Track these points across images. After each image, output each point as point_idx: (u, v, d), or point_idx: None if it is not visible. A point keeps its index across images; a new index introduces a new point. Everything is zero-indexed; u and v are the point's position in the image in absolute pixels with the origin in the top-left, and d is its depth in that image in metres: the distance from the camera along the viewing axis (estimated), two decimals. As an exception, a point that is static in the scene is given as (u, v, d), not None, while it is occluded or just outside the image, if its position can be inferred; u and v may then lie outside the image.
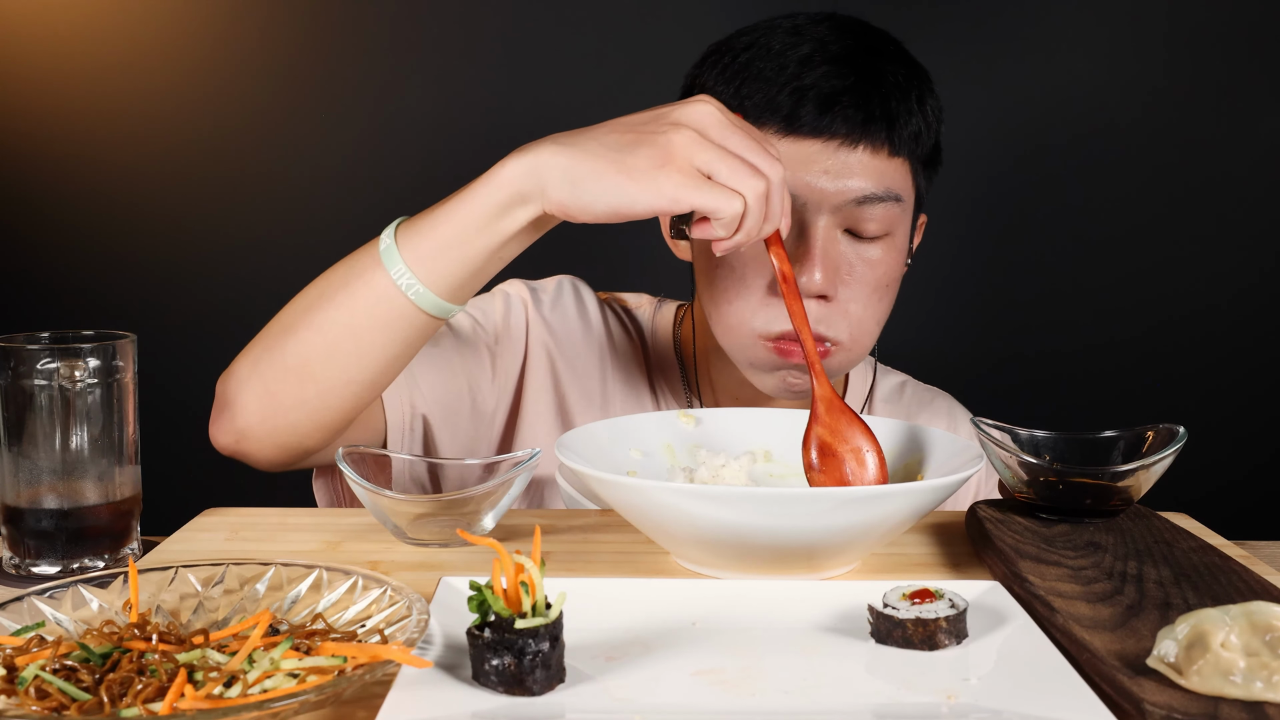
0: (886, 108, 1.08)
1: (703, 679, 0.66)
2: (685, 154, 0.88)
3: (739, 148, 0.89)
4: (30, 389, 0.88)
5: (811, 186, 1.08)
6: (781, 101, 1.08)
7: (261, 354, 1.02)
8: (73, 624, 0.71)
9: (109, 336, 0.92)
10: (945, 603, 0.72)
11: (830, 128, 1.07)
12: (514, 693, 0.63)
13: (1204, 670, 0.61)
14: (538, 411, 1.25)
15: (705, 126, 0.89)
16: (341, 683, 0.60)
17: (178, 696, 0.59)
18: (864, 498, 0.80)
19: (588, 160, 0.89)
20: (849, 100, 1.07)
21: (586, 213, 0.90)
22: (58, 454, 0.89)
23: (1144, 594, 0.76)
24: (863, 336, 1.14)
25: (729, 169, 0.88)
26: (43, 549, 0.90)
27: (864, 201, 1.08)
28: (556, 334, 1.27)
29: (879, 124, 1.08)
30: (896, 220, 1.12)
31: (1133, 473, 0.91)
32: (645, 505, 0.83)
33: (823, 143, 1.08)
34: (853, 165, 1.08)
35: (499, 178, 0.92)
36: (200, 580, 0.76)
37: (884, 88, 1.09)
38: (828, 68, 1.08)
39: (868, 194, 1.08)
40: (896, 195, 1.10)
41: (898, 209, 1.11)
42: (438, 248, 0.94)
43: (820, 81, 1.08)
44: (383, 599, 0.72)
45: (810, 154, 1.08)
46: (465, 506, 0.93)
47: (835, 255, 1.10)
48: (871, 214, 1.09)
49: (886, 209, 1.10)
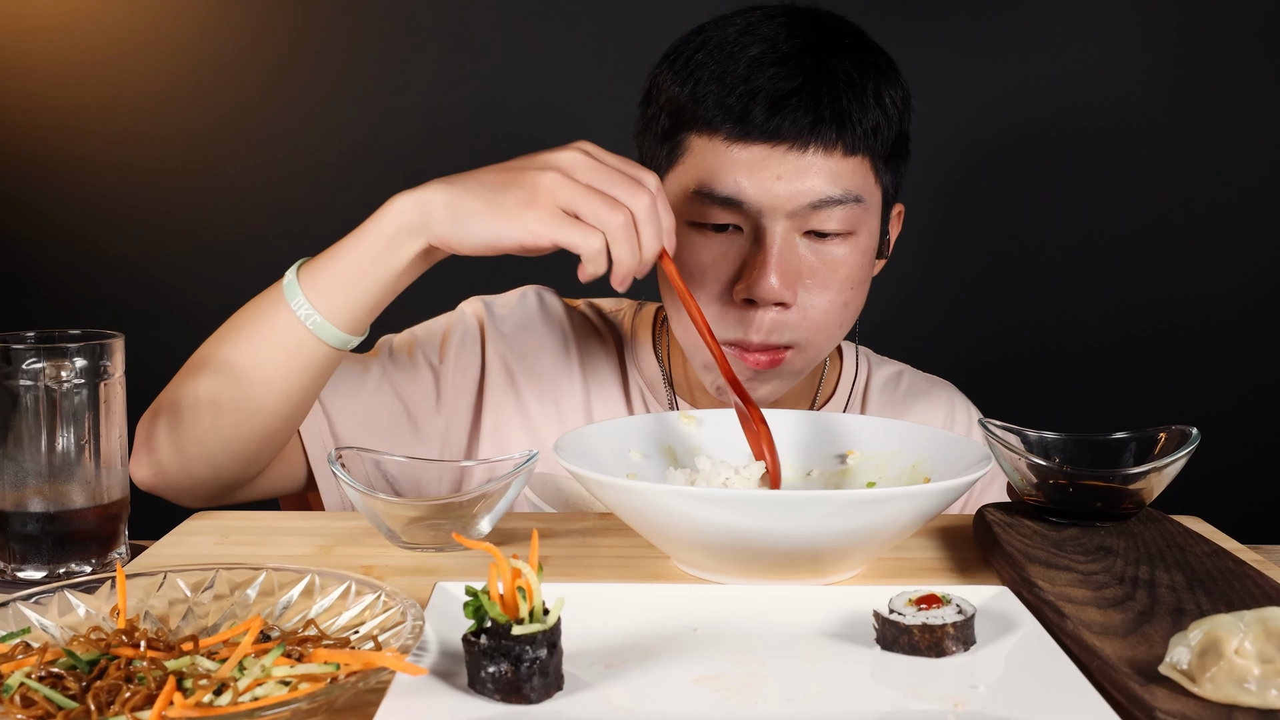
0: (837, 107, 1.07)
1: (704, 686, 0.66)
2: (550, 194, 0.95)
3: (603, 184, 0.95)
4: (16, 389, 0.88)
5: (765, 192, 1.07)
6: (732, 105, 1.08)
7: (175, 389, 1.08)
8: (59, 630, 0.71)
9: (96, 336, 0.92)
10: (952, 608, 0.72)
11: (779, 131, 1.06)
12: (511, 700, 0.63)
13: (1217, 678, 0.61)
14: (497, 422, 1.26)
15: (571, 168, 0.96)
16: (334, 690, 0.60)
17: (166, 704, 0.59)
18: (869, 500, 0.80)
19: (467, 198, 0.97)
20: (797, 102, 1.06)
21: (466, 245, 0.98)
22: (44, 456, 0.89)
23: (1156, 599, 0.76)
24: (824, 338, 1.14)
25: (590, 206, 0.94)
26: (28, 553, 0.89)
27: (820, 205, 1.08)
28: (515, 345, 1.28)
29: (828, 125, 1.07)
30: (858, 220, 1.11)
31: (1144, 475, 0.91)
32: (645, 508, 0.83)
33: (772, 147, 1.07)
34: (806, 168, 1.07)
35: (388, 214, 1.00)
36: (190, 585, 0.76)
37: (834, 87, 1.08)
38: (775, 69, 1.07)
39: (823, 197, 1.08)
40: (856, 196, 1.09)
41: (858, 209, 1.10)
42: (335, 282, 1.01)
43: (768, 84, 1.07)
44: (376, 604, 0.72)
45: (762, 158, 1.07)
46: (461, 510, 0.93)
47: (793, 261, 1.09)
48: (830, 216, 1.08)
49: (846, 210, 1.09)
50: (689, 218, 1.11)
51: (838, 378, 1.33)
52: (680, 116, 1.12)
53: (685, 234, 1.11)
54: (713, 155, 1.09)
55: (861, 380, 1.34)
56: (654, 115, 1.16)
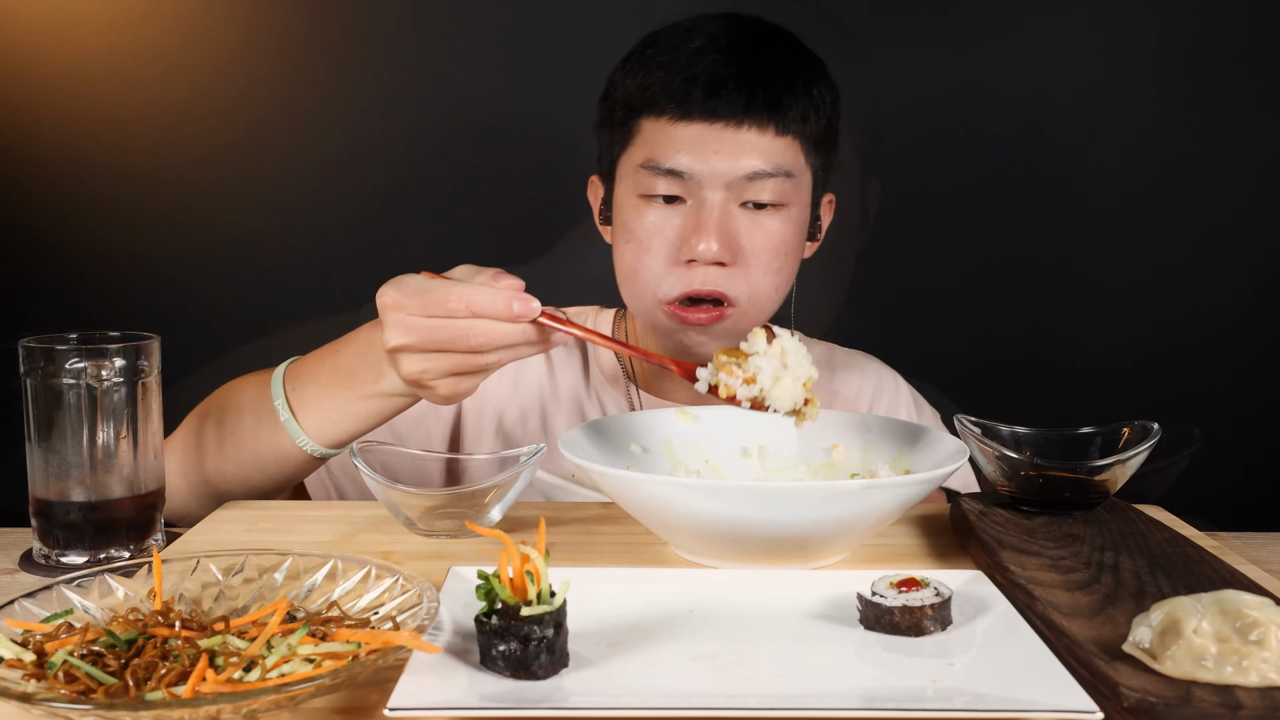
0: (770, 92, 1.14)
1: (700, 664, 0.66)
2: (406, 375, 0.93)
3: (426, 341, 0.91)
4: (59, 387, 0.88)
5: (705, 164, 1.14)
6: (675, 89, 1.14)
7: (184, 463, 1.10)
8: (99, 611, 0.71)
9: (134, 337, 0.92)
10: (930, 591, 0.72)
11: (717, 110, 1.13)
12: (519, 677, 0.63)
13: (1177, 655, 0.61)
14: (478, 434, 1.30)
15: (399, 353, 0.92)
16: (355, 667, 0.60)
17: (199, 680, 0.59)
18: (854, 491, 0.80)
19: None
20: (733, 85, 1.13)
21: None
22: (85, 449, 0.89)
23: (1120, 583, 0.76)
24: (760, 300, 1.19)
25: (425, 378, 0.92)
26: (71, 540, 0.90)
27: (755, 177, 1.14)
28: None
29: (761, 106, 1.14)
30: (790, 193, 1.17)
31: (1109, 467, 0.91)
32: (645, 498, 0.83)
33: (710, 124, 1.14)
34: (741, 144, 1.14)
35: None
36: (221, 569, 0.76)
37: (767, 74, 1.15)
38: (714, 57, 1.15)
39: (757, 170, 1.14)
40: (787, 171, 1.16)
41: (789, 184, 1.16)
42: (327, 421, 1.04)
43: (707, 70, 1.14)
44: (395, 588, 0.72)
45: (703, 135, 1.14)
46: (474, 499, 0.93)
47: (731, 227, 1.15)
48: (764, 188, 1.15)
49: (778, 183, 1.15)
50: (639, 190, 1.17)
51: None
52: (632, 105, 1.19)
53: (636, 206, 1.18)
54: (659, 134, 1.16)
55: None
56: (610, 108, 1.23)
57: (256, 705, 0.58)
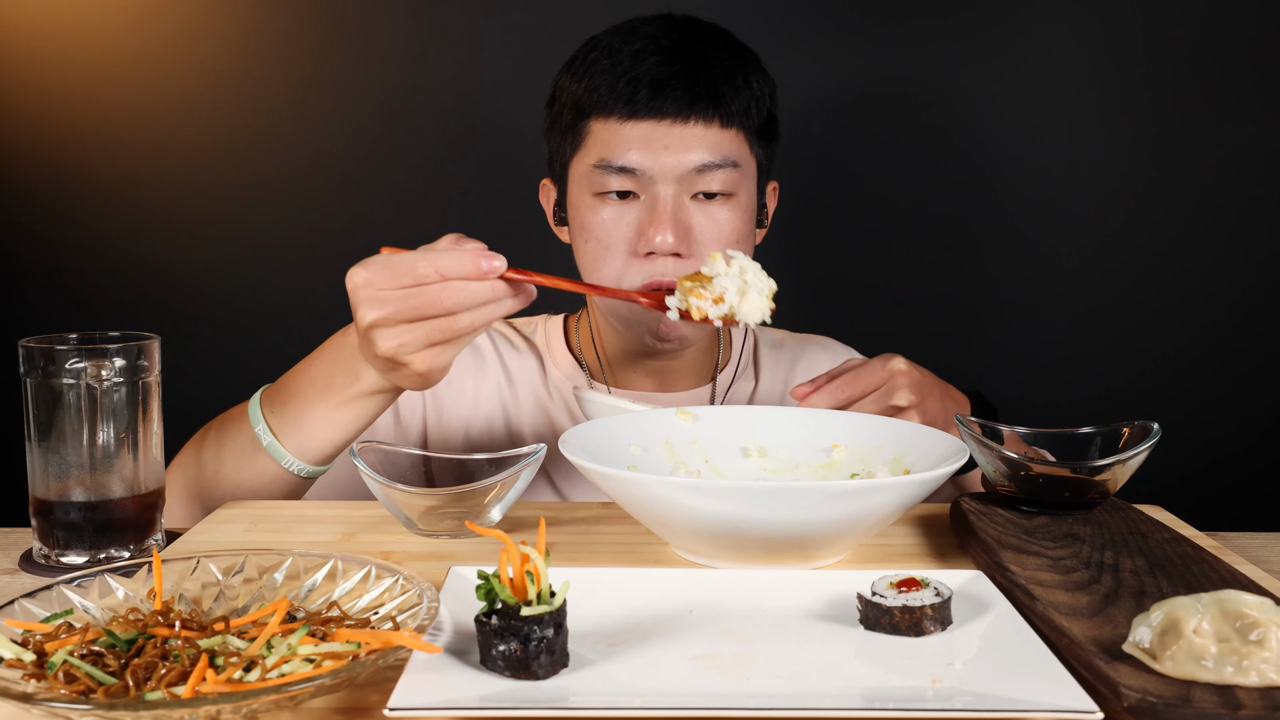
0: (712, 87, 1.19)
1: (700, 664, 0.66)
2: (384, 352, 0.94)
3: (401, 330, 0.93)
4: (59, 387, 0.88)
5: (655, 160, 1.19)
6: (621, 90, 1.19)
7: (186, 495, 1.13)
8: (99, 611, 0.71)
9: (134, 337, 0.92)
10: (930, 591, 0.72)
11: (663, 108, 1.18)
12: (520, 677, 0.63)
13: (1177, 655, 0.61)
14: (444, 449, 1.32)
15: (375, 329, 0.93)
16: (356, 667, 0.60)
17: (200, 680, 0.59)
18: (854, 491, 0.80)
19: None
20: (676, 84, 1.18)
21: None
22: (85, 449, 0.89)
23: (1120, 583, 0.76)
24: None
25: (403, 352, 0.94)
26: (71, 540, 0.90)
27: (704, 169, 1.19)
28: (438, 389, 1.34)
29: (705, 101, 1.19)
30: (737, 183, 1.22)
31: (1109, 467, 0.91)
32: (645, 498, 0.83)
33: (657, 122, 1.18)
34: (688, 139, 1.19)
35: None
36: (221, 569, 0.76)
37: (709, 70, 1.20)
38: (657, 58, 1.19)
39: (705, 162, 1.19)
40: (734, 161, 1.21)
41: (737, 173, 1.21)
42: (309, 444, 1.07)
43: (651, 70, 1.19)
44: (395, 587, 0.72)
45: (651, 133, 1.19)
46: (474, 499, 0.93)
47: (684, 219, 1.20)
48: (713, 179, 1.20)
49: (726, 174, 1.20)
50: (593, 189, 1.22)
51: (729, 346, 1.43)
52: (580, 108, 1.23)
53: (592, 205, 1.22)
54: (609, 134, 1.20)
55: (750, 346, 1.43)
56: (557, 113, 1.27)
57: (256, 705, 0.58)
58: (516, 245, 1.82)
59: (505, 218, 1.85)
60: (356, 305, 0.93)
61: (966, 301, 1.88)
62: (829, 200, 1.86)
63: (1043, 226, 1.87)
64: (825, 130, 1.84)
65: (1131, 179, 1.85)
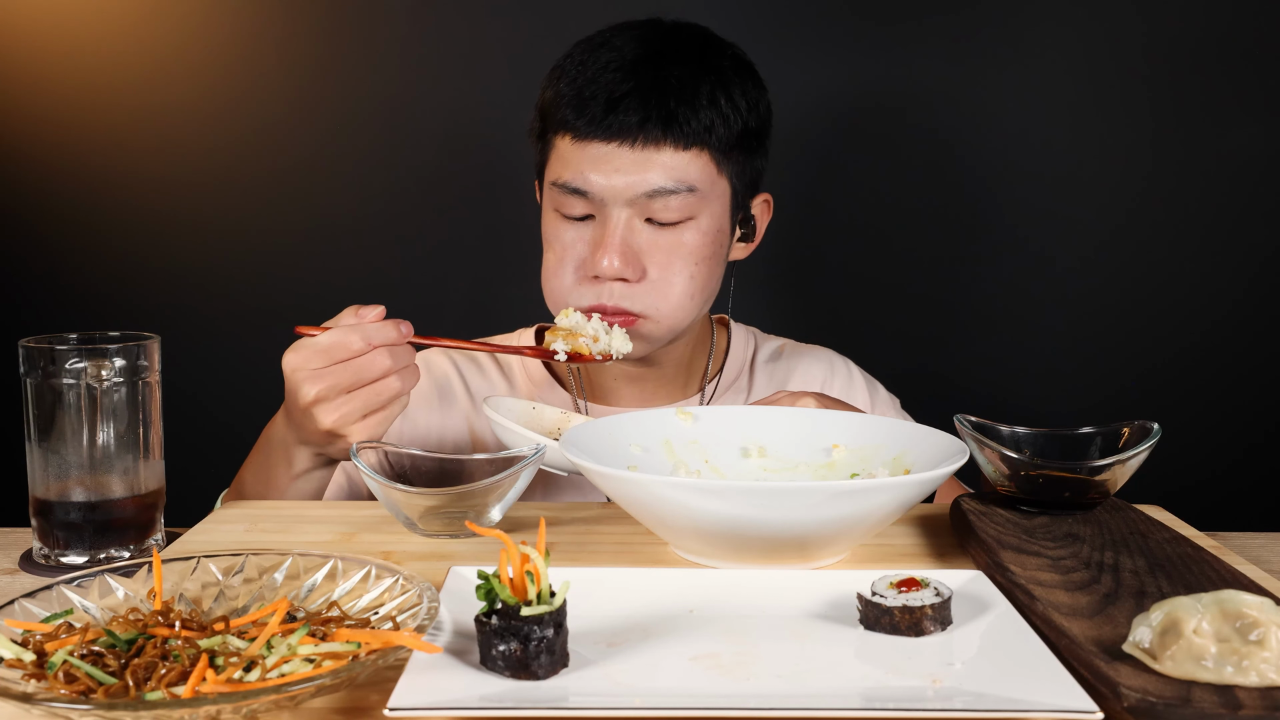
0: (665, 109, 1.14)
1: (699, 664, 0.66)
2: (326, 427, 1.02)
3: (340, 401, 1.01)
4: (59, 387, 0.88)
5: (607, 183, 1.15)
6: (577, 106, 1.16)
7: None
8: (99, 611, 0.71)
9: (134, 337, 0.92)
10: (930, 591, 0.72)
11: (613, 129, 1.14)
12: (520, 677, 0.63)
13: (1177, 655, 0.61)
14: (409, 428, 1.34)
15: (315, 406, 1.01)
16: (356, 667, 0.60)
17: (199, 680, 0.59)
18: (854, 491, 0.80)
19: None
20: (627, 104, 1.14)
21: None
22: (85, 449, 0.89)
23: (1120, 583, 0.76)
24: (673, 310, 1.20)
25: (342, 424, 1.01)
26: (71, 540, 0.90)
27: (655, 194, 1.15)
28: (413, 411, 1.34)
29: (655, 124, 1.14)
30: (695, 207, 1.18)
31: (1109, 467, 0.91)
32: (645, 498, 0.83)
33: (608, 143, 1.15)
34: (642, 162, 1.15)
35: None
36: (221, 569, 0.76)
37: (663, 91, 1.15)
38: (613, 75, 1.15)
39: (657, 188, 1.15)
40: (690, 186, 1.16)
41: (694, 198, 1.17)
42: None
43: (605, 89, 1.15)
44: (395, 587, 0.72)
45: (602, 154, 1.15)
46: (474, 499, 0.93)
47: (633, 243, 1.18)
48: (667, 205, 1.16)
49: (681, 199, 1.16)
50: (555, 207, 1.20)
51: (725, 354, 1.40)
52: (547, 118, 1.21)
53: (553, 222, 1.21)
54: (567, 152, 1.18)
55: (749, 355, 1.41)
56: (535, 119, 1.25)
57: (256, 705, 0.58)
58: (514, 246, 1.83)
59: (504, 218, 1.85)
60: (295, 386, 1.00)
61: (967, 302, 1.88)
62: (829, 202, 1.86)
63: (1043, 227, 1.87)
64: (825, 132, 1.84)
65: (1131, 179, 1.85)
